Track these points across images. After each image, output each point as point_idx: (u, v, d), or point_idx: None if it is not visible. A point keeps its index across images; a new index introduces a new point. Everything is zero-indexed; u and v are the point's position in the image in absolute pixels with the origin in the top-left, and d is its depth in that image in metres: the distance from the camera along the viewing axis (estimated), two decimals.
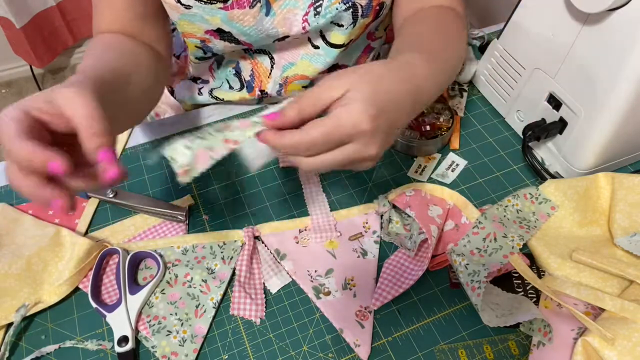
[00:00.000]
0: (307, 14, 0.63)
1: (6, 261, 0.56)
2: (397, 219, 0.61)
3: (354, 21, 0.64)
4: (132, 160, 0.70)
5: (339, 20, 0.64)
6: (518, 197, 0.61)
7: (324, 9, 0.62)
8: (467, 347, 0.52)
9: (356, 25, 0.65)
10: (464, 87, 0.78)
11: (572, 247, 0.56)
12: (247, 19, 0.62)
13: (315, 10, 0.62)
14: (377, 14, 0.65)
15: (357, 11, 0.63)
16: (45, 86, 2.09)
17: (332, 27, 0.65)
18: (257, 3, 0.61)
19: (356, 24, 0.64)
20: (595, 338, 0.48)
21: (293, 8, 0.62)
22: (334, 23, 0.64)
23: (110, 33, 0.63)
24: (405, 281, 0.56)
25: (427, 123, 0.70)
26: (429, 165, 0.68)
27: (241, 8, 0.61)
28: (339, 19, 0.64)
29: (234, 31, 0.64)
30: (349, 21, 0.64)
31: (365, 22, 0.65)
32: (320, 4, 0.62)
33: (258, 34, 0.64)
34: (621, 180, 0.59)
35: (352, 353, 0.52)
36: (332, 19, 0.63)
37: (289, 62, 0.71)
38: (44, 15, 1.90)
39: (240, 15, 0.61)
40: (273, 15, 0.63)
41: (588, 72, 0.58)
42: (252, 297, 0.56)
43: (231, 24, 0.62)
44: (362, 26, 0.66)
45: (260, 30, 0.64)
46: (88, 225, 0.62)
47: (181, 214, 0.62)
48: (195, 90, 0.79)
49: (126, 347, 0.52)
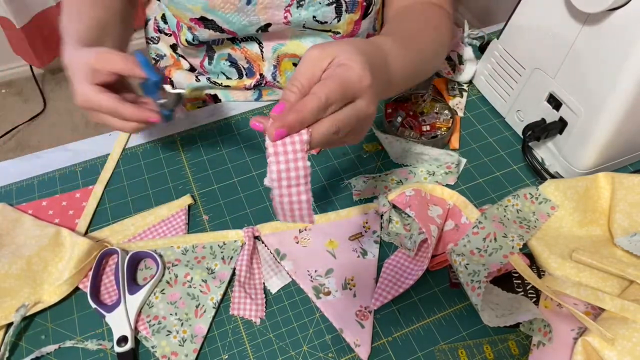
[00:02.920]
0: (290, 5, 0.64)
1: (6, 261, 0.56)
2: (397, 219, 0.61)
3: (337, 15, 0.65)
4: (132, 160, 0.70)
5: (323, 18, 0.65)
6: (518, 197, 0.61)
7: (307, 2, 0.63)
8: (467, 347, 0.52)
9: (341, 21, 0.65)
10: (464, 87, 0.78)
11: (572, 247, 0.56)
12: (227, 6, 0.63)
13: (299, 3, 0.63)
14: (365, 11, 0.66)
15: (341, 6, 0.64)
16: (46, 86, 2.10)
17: (314, 24, 0.66)
18: None
19: (341, 19, 0.65)
20: (595, 338, 0.48)
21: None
22: (317, 20, 0.65)
23: None
24: (405, 281, 0.56)
25: (427, 123, 0.70)
26: None
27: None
28: (322, 15, 0.64)
29: (217, 19, 0.65)
30: (332, 16, 0.64)
31: (353, 18, 0.66)
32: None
33: (240, 21, 0.65)
34: (621, 180, 0.59)
35: (352, 353, 0.52)
36: (314, 14, 0.64)
37: (278, 43, 0.72)
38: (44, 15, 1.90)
39: (221, 3, 0.63)
40: (254, 4, 0.64)
41: (588, 72, 0.58)
42: (252, 297, 0.56)
43: (213, 12, 0.64)
44: (351, 22, 0.66)
45: (242, 18, 0.65)
46: (88, 225, 0.62)
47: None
48: (193, 77, 0.80)
49: (126, 347, 0.52)
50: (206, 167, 0.68)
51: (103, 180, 0.67)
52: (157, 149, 0.71)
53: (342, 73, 0.41)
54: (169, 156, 0.70)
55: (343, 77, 0.41)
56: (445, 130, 0.69)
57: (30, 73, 2.05)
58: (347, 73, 0.41)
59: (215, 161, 0.69)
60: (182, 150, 0.71)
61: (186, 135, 0.72)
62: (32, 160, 0.70)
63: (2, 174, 0.68)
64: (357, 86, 0.41)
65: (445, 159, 0.66)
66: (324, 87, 0.40)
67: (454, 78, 0.78)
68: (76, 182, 0.67)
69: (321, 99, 0.39)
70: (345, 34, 0.68)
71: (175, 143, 0.72)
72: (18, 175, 0.68)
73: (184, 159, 0.70)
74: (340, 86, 0.40)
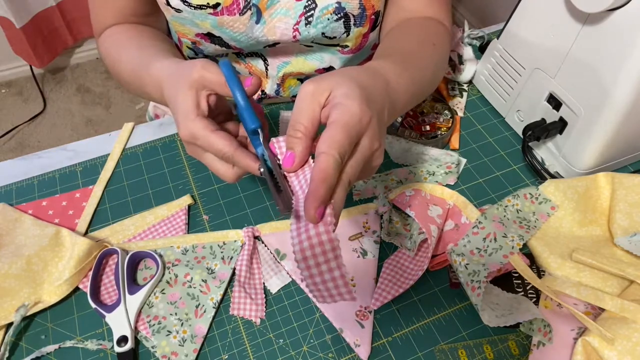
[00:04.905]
0: (298, 23, 0.62)
1: (6, 261, 0.56)
2: (397, 219, 0.61)
3: (346, 30, 0.64)
4: (132, 160, 0.70)
5: (331, 34, 0.64)
6: (518, 197, 0.61)
7: (315, 19, 0.62)
8: (467, 347, 0.52)
9: (350, 35, 0.65)
10: (464, 87, 0.78)
11: (572, 247, 0.56)
12: (237, 25, 0.62)
13: (307, 20, 0.62)
14: (373, 24, 0.65)
15: (349, 20, 0.63)
16: (46, 86, 2.10)
17: (323, 39, 0.65)
18: (247, 10, 0.61)
19: (350, 33, 0.64)
20: (595, 338, 0.48)
21: (284, 17, 0.62)
22: (326, 36, 0.64)
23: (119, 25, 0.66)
24: (405, 281, 0.56)
25: (427, 123, 0.70)
26: None
27: (231, 15, 0.60)
28: (331, 31, 0.63)
29: (224, 36, 0.64)
30: (342, 31, 0.64)
31: (362, 32, 0.65)
32: (311, 14, 0.61)
33: (248, 40, 0.64)
34: (621, 180, 0.59)
35: (352, 353, 0.52)
36: (323, 30, 0.63)
37: (283, 62, 0.71)
38: (44, 15, 1.90)
39: (230, 22, 0.61)
40: (263, 23, 0.62)
41: (588, 72, 0.58)
42: (252, 297, 0.56)
43: (221, 30, 0.62)
44: (359, 35, 0.65)
45: (250, 37, 0.64)
46: (88, 225, 0.62)
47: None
48: None
49: (125, 347, 0.52)
50: (206, 167, 0.68)
51: (103, 180, 0.67)
52: (157, 149, 0.71)
53: (341, 117, 0.39)
54: (169, 156, 0.70)
55: (343, 122, 0.39)
56: (445, 130, 0.69)
57: (30, 73, 2.05)
58: (345, 117, 0.39)
59: None
60: (182, 150, 0.71)
61: None
62: (32, 160, 0.70)
63: (2, 174, 0.68)
64: (358, 127, 0.40)
65: (445, 159, 0.66)
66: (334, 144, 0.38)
67: (454, 78, 0.78)
68: (76, 182, 0.67)
69: (336, 157, 0.37)
70: (354, 47, 0.67)
71: (175, 143, 0.72)
72: (18, 175, 0.68)
73: (184, 159, 0.70)
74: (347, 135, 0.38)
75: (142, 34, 0.65)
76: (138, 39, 0.63)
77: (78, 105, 2.03)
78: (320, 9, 0.61)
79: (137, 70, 0.58)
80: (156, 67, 0.53)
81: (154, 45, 0.61)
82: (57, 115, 2.00)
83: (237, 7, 0.60)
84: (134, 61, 0.59)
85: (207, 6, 0.59)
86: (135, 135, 0.73)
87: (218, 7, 0.60)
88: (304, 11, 0.61)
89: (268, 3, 0.61)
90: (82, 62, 2.19)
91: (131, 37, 0.64)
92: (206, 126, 0.44)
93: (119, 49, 0.63)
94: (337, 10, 0.61)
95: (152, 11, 0.67)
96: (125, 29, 0.66)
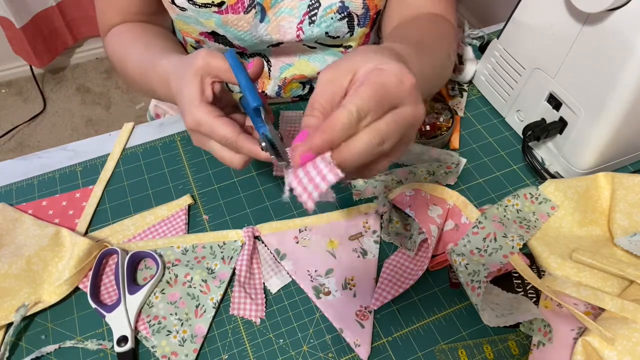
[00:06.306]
0: (301, 22, 0.63)
1: (6, 261, 0.56)
2: (397, 219, 0.61)
3: (350, 30, 0.64)
4: (132, 160, 0.70)
5: (335, 33, 0.64)
6: (518, 197, 0.61)
7: (319, 18, 0.62)
8: (467, 347, 0.52)
9: (354, 35, 0.65)
10: (464, 87, 0.78)
11: (572, 247, 0.56)
12: (241, 24, 0.62)
13: (310, 19, 0.62)
14: (373, 22, 0.65)
15: (353, 20, 0.63)
16: (46, 86, 2.10)
17: (327, 39, 0.65)
18: (252, 9, 0.61)
19: (354, 33, 0.64)
20: (595, 338, 0.48)
21: (288, 16, 0.62)
22: (330, 36, 0.64)
23: (125, 24, 0.66)
24: (405, 281, 0.56)
25: (427, 123, 0.70)
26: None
27: (236, 13, 0.61)
28: (334, 31, 0.63)
29: (228, 35, 0.64)
30: (345, 31, 0.64)
31: (365, 32, 0.65)
32: (315, 13, 0.62)
33: (252, 39, 0.64)
34: (621, 180, 0.59)
35: (352, 353, 0.52)
36: (326, 29, 0.63)
37: (286, 64, 0.71)
38: (44, 15, 1.90)
39: (235, 20, 0.61)
40: (267, 22, 0.63)
41: (588, 72, 0.58)
42: (252, 297, 0.56)
43: (226, 28, 0.62)
44: (362, 36, 0.65)
45: (254, 36, 0.64)
46: (88, 225, 0.62)
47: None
48: None
49: (125, 347, 0.52)
50: (206, 167, 0.68)
51: (103, 180, 0.67)
52: (157, 149, 0.71)
53: (376, 78, 0.35)
54: (169, 156, 0.70)
55: (377, 82, 0.35)
56: (445, 130, 0.69)
57: (30, 73, 2.05)
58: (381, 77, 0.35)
59: (215, 161, 0.69)
60: (182, 150, 0.71)
61: (186, 135, 0.72)
62: (32, 160, 0.70)
63: (2, 174, 0.68)
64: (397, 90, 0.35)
65: (445, 159, 0.66)
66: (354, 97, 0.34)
67: (454, 78, 0.78)
68: (76, 182, 0.67)
69: (352, 111, 0.33)
70: (357, 47, 0.67)
71: (175, 143, 0.72)
72: (18, 175, 0.68)
73: (184, 159, 0.70)
74: (375, 93, 0.34)
75: (147, 33, 0.65)
76: (144, 37, 0.64)
77: (78, 105, 2.03)
78: (324, 8, 0.61)
79: (143, 68, 0.58)
80: (162, 63, 0.53)
81: (159, 43, 0.62)
82: (57, 115, 2.00)
83: (242, 5, 0.60)
84: (140, 59, 0.59)
85: (211, 4, 0.59)
86: (135, 135, 0.73)
87: (223, 6, 0.60)
88: (308, 10, 0.61)
89: (272, 2, 0.61)
90: (82, 62, 2.19)
91: (137, 35, 0.64)
92: (210, 112, 0.44)
93: (125, 48, 0.63)
94: (341, 9, 0.61)
95: (158, 10, 0.68)
96: (131, 27, 0.66)
